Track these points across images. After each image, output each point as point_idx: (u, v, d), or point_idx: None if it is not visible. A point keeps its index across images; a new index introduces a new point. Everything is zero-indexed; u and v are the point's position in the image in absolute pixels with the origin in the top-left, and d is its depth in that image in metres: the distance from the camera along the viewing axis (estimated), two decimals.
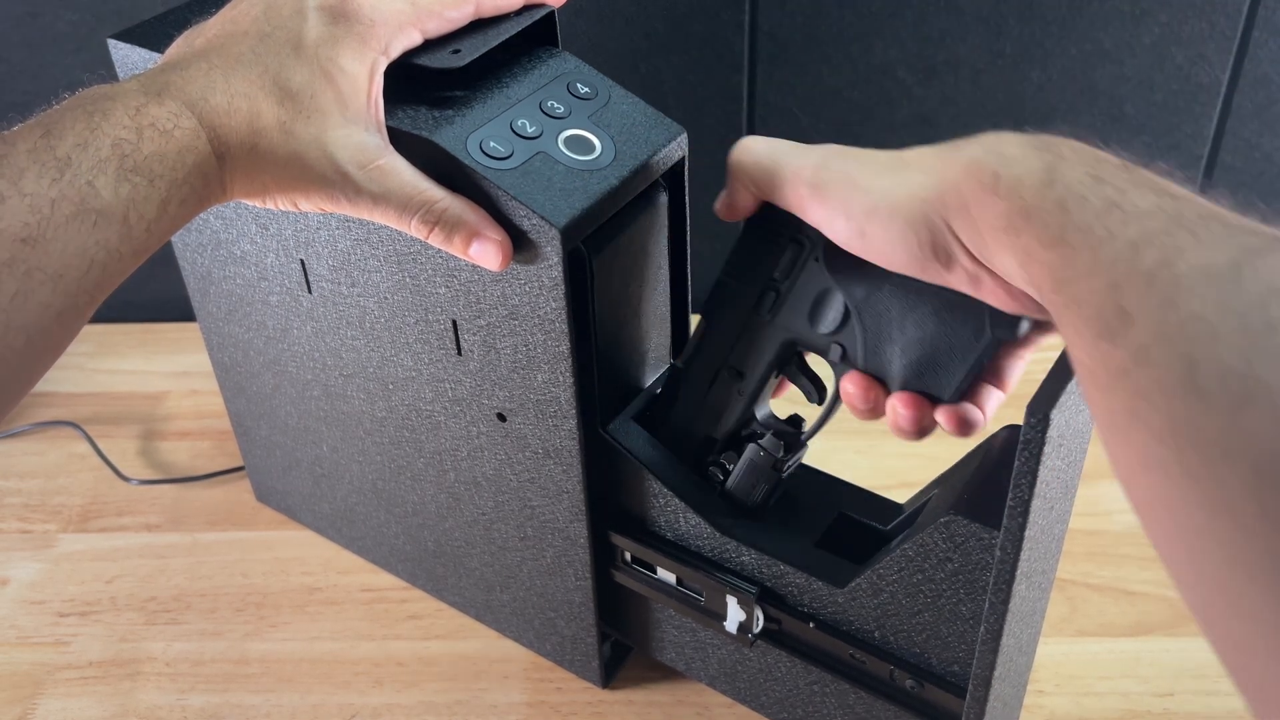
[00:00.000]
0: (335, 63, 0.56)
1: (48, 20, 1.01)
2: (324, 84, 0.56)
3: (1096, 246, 0.41)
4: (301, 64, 0.56)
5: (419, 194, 0.58)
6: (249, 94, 0.55)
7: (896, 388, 0.57)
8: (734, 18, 0.99)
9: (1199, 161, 1.05)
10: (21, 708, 0.80)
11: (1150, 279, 0.38)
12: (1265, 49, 0.99)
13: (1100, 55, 0.99)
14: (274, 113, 0.55)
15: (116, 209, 0.50)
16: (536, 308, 0.61)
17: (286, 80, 0.55)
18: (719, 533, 0.67)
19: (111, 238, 0.50)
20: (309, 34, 0.56)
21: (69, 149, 0.49)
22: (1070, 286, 0.42)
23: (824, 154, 0.55)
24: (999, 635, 0.55)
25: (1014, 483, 0.49)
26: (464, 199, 0.59)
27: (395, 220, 0.58)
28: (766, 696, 0.73)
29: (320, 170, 0.56)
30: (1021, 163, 0.46)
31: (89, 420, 1.04)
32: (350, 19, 0.57)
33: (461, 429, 0.72)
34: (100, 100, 0.51)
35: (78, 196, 0.48)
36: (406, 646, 0.84)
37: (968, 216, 0.48)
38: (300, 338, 0.77)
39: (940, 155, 0.50)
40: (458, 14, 0.61)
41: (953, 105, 1.02)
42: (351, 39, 0.57)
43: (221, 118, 0.54)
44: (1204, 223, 0.40)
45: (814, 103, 1.03)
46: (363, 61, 0.57)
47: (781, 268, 0.60)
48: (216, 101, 0.54)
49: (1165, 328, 0.37)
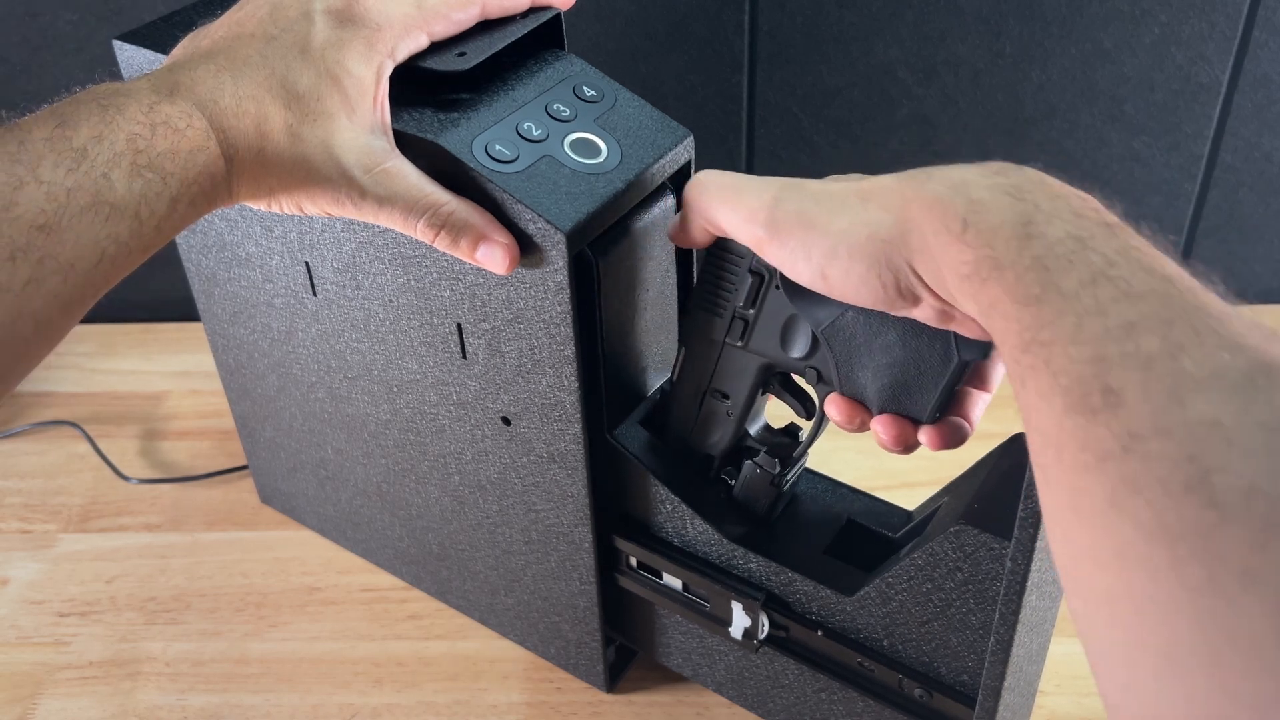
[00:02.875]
0: (342, 65, 0.56)
1: (48, 20, 1.00)
2: (330, 87, 0.56)
3: (1082, 316, 0.39)
4: (308, 67, 0.56)
5: (425, 197, 0.57)
6: (256, 96, 0.54)
7: (876, 410, 0.57)
8: (734, 18, 0.99)
9: (1199, 161, 1.05)
10: (21, 708, 0.80)
11: (1148, 365, 0.37)
12: (1265, 49, 0.99)
13: (1100, 55, 0.99)
14: (281, 116, 0.55)
15: (129, 203, 0.50)
16: (541, 311, 0.61)
17: (294, 83, 0.55)
18: (726, 539, 0.67)
19: (123, 232, 0.50)
20: (316, 37, 0.56)
21: (85, 140, 0.49)
22: (1043, 349, 0.40)
23: (778, 192, 0.53)
24: (1009, 646, 0.55)
25: (1025, 493, 0.49)
26: (470, 203, 0.59)
27: (401, 224, 0.58)
28: (773, 703, 0.73)
29: (326, 173, 0.56)
30: (994, 210, 0.44)
31: (89, 420, 1.04)
32: (357, 22, 0.57)
33: (466, 432, 0.72)
34: (113, 96, 0.51)
35: (93, 188, 0.48)
36: (406, 646, 0.84)
37: (930, 259, 0.47)
38: (305, 340, 0.77)
39: (901, 190, 0.49)
40: (464, 16, 0.61)
41: (953, 105, 1.02)
42: (358, 42, 0.57)
43: (230, 120, 0.54)
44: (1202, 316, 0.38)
45: (814, 103, 1.03)
46: (369, 64, 0.57)
47: (745, 298, 0.60)
48: (225, 104, 0.54)
49: (1167, 422, 0.35)
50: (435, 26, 0.60)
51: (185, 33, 0.67)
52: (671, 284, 0.68)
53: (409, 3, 0.59)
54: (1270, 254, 1.11)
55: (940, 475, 0.95)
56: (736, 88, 1.02)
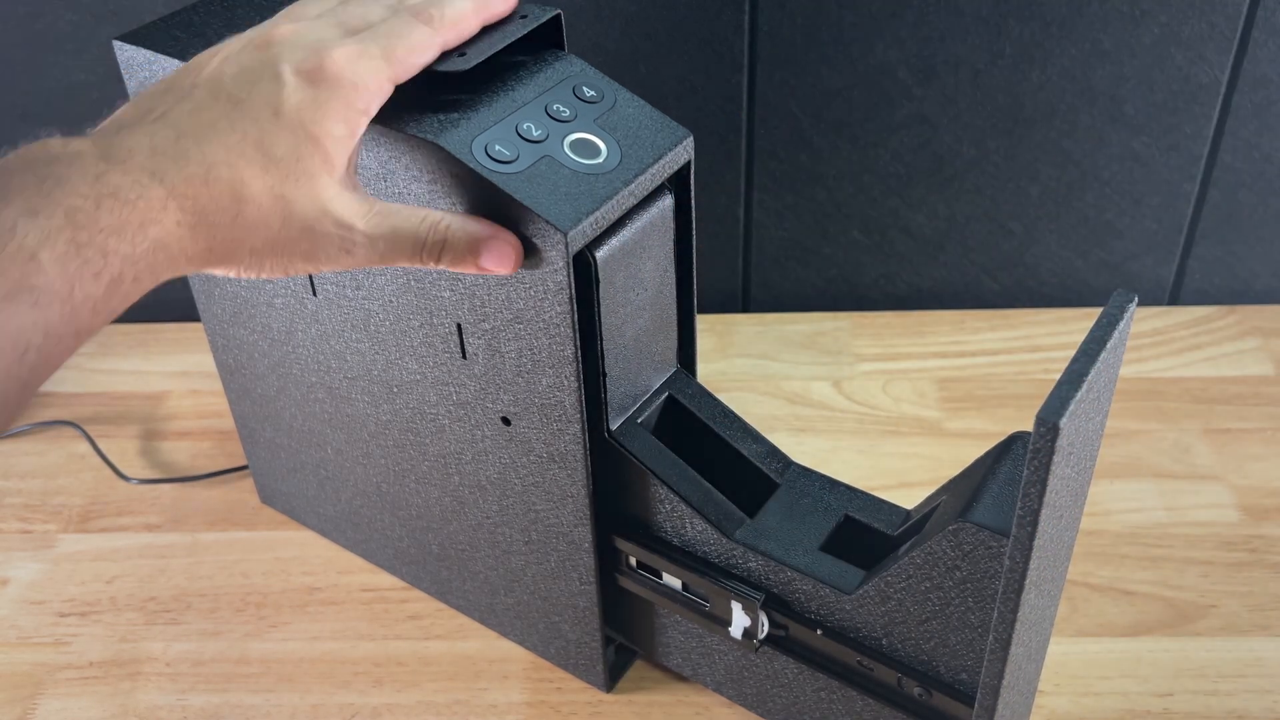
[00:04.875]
0: (321, 126, 0.54)
1: (48, 20, 1.00)
2: (310, 148, 0.53)
3: None
4: (283, 129, 0.53)
5: (425, 218, 0.57)
6: (229, 162, 0.51)
7: None
8: (734, 18, 0.99)
9: (1199, 161, 1.05)
10: (21, 708, 0.80)
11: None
12: (1265, 49, 0.99)
13: (1100, 55, 0.99)
14: (260, 179, 0.52)
15: (61, 287, 0.45)
16: (541, 312, 0.61)
17: (270, 146, 0.52)
18: (725, 538, 0.67)
19: (53, 318, 0.45)
20: (289, 99, 0.53)
21: (15, 215, 0.45)
22: None
23: None
24: (1008, 644, 0.55)
25: (1023, 491, 0.49)
26: (463, 214, 0.58)
27: (410, 251, 0.57)
28: (773, 703, 0.73)
29: (324, 229, 0.54)
30: None
31: (89, 420, 1.04)
32: (331, 82, 0.54)
33: (466, 433, 0.72)
34: (52, 164, 0.47)
35: (18, 272, 0.44)
36: (406, 646, 0.84)
37: None
38: (305, 341, 0.77)
39: None
40: (424, 58, 0.59)
41: (953, 105, 1.02)
42: (336, 102, 0.54)
43: (198, 187, 0.50)
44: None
45: (814, 103, 1.03)
46: (348, 124, 0.55)
47: None
48: (192, 171, 0.50)
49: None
50: (402, 75, 0.58)
51: (185, 33, 0.67)
52: (671, 284, 0.69)
53: (377, 57, 0.56)
54: (1270, 254, 1.11)
55: (938, 474, 0.95)
56: (736, 88, 1.02)
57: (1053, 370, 1.04)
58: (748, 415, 0.73)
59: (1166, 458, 0.96)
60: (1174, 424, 0.99)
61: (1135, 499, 0.92)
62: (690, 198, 0.67)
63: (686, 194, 0.67)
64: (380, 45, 0.56)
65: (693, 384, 0.72)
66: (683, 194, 0.67)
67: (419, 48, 0.58)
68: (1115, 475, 0.94)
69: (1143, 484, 0.93)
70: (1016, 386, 1.03)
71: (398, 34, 0.57)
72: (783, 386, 1.05)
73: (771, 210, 1.09)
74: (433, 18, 0.59)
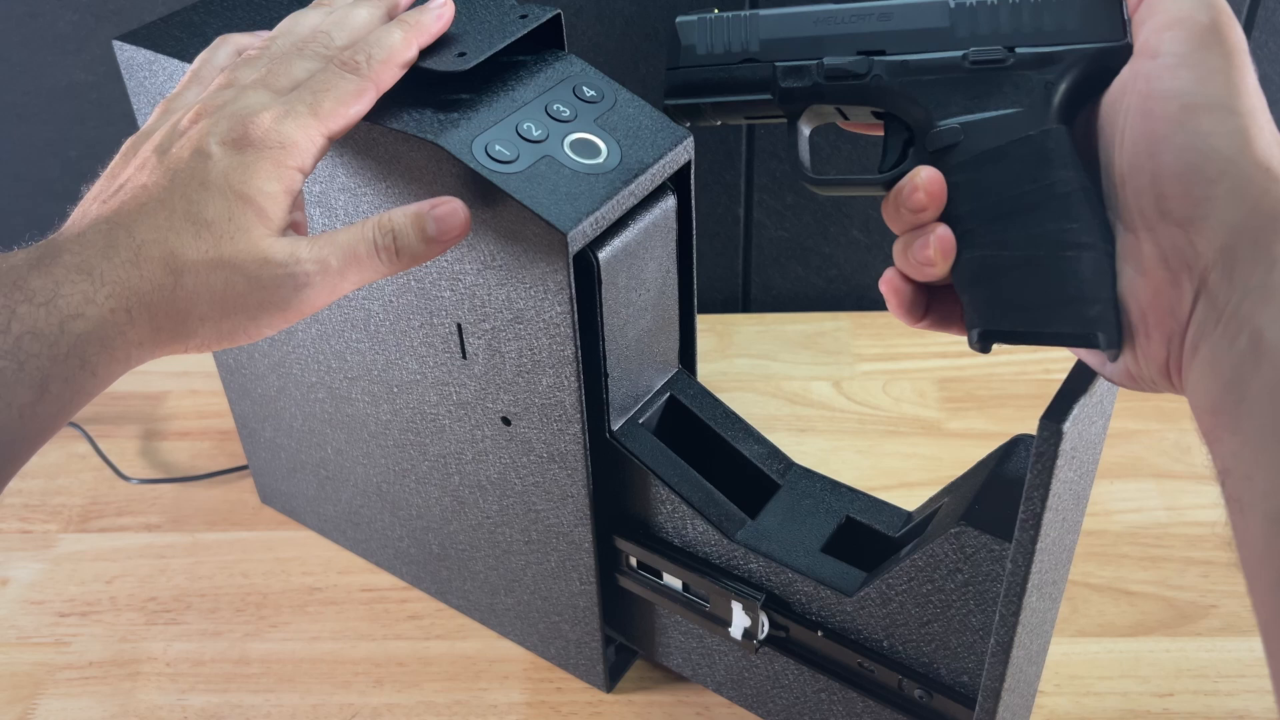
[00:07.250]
0: (251, 184, 0.53)
1: (48, 20, 1.00)
2: (241, 206, 0.53)
3: None
4: (212, 195, 0.52)
5: (369, 220, 0.56)
6: (158, 240, 0.51)
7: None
8: None
9: None
10: (21, 708, 0.80)
11: None
12: (1265, 49, 0.99)
13: None
14: (194, 246, 0.51)
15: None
16: (541, 312, 0.61)
17: (199, 213, 0.52)
18: (726, 539, 0.67)
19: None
20: (214, 168, 0.53)
21: None
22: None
23: None
24: (1009, 647, 0.55)
25: (1026, 495, 0.49)
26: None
27: (366, 255, 0.56)
28: (773, 704, 0.73)
29: (270, 274, 0.53)
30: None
31: (89, 420, 1.04)
32: (258, 145, 0.54)
33: (466, 433, 0.72)
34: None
35: None
36: (406, 646, 0.84)
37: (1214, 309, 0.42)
38: (305, 340, 0.77)
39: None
40: (359, 107, 0.58)
41: None
42: (265, 163, 0.54)
43: (127, 270, 0.50)
44: None
45: None
46: (280, 181, 0.54)
47: None
48: (121, 257, 0.50)
49: None
50: (335, 126, 0.57)
51: (185, 33, 0.67)
52: (673, 284, 0.69)
53: (304, 114, 0.55)
54: None
55: (939, 475, 0.95)
56: None
57: (1053, 370, 1.04)
58: (748, 415, 0.73)
59: (1167, 458, 0.95)
60: (1174, 424, 0.98)
61: (1136, 499, 0.92)
62: (691, 197, 0.67)
63: (688, 193, 0.67)
64: (306, 103, 0.56)
65: (694, 384, 0.72)
66: (684, 193, 0.67)
67: (347, 98, 0.57)
68: (1116, 475, 0.94)
69: (1143, 484, 0.93)
70: (1017, 387, 1.03)
71: (324, 88, 0.56)
72: (783, 387, 1.05)
73: (771, 210, 1.09)
74: (359, 65, 0.57)
